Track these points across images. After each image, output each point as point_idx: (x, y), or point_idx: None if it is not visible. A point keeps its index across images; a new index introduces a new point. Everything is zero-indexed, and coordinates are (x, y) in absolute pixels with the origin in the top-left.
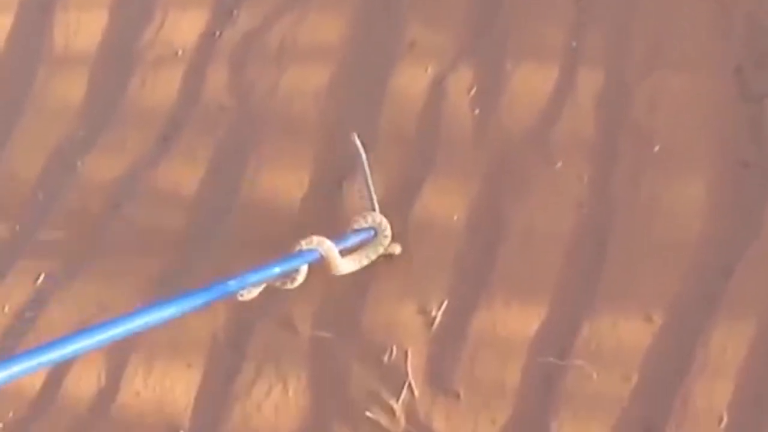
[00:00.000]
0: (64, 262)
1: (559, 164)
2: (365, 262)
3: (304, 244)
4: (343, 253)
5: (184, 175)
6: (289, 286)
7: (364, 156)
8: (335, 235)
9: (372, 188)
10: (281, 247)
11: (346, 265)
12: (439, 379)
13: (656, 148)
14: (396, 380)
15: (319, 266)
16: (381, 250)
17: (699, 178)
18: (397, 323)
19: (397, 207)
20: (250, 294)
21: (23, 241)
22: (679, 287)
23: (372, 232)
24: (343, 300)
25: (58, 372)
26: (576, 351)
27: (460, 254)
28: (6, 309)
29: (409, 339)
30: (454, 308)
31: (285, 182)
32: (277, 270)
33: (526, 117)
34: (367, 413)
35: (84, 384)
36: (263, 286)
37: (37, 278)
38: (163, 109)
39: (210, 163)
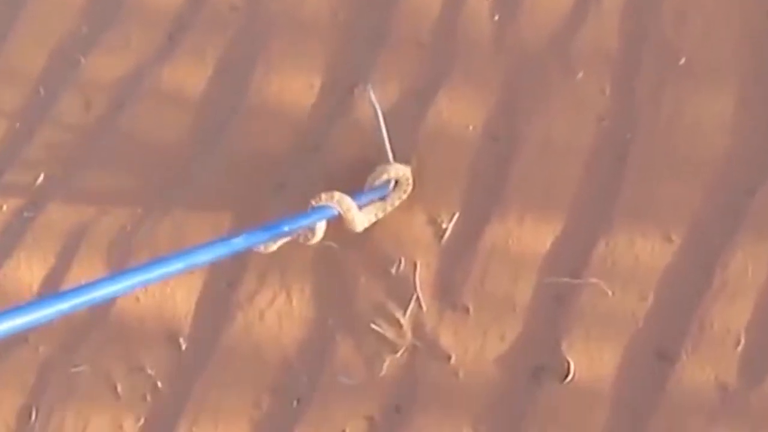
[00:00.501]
0: (64, 162)
1: (580, 75)
2: (381, 214)
3: (323, 198)
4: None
5: (190, 75)
6: (311, 241)
7: (378, 109)
8: (355, 190)
9: (388, 142)
10: (289, 155)
11: (362, 220)
12: (447, 293)
13: (682, 61)
14: (403, 293)
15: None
16: (398, 203)
17: (725, 94)
18: (407, 235)
19: (410, 114)
20: (269, 248)
21: (23, 140)
22: (701, 206)
23: (390, 185)
24: None
25: (56, 272)
26: (591, 269)
27: (474, 165)
28: (4, 208)
29: (418, 251)
30: (466, 221)
31: (295, 86)
32: (287, 228)
33: (548, 24)
34: (373, 326)
35: None
36: (283, 240)
37: (37, 178)
38: (170, 7)
39: (218, 64)
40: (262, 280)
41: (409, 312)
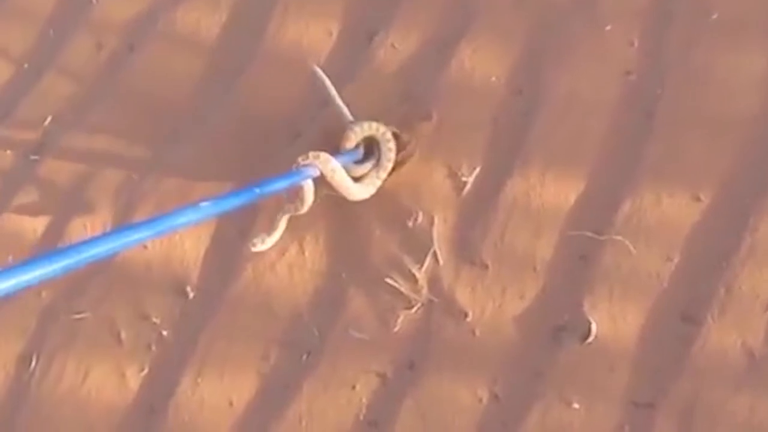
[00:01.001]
0: (72, 105)
1: (608, 27)
2: (378, 182)
3: (301, 161)
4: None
5: (204, 19)
6: (301, 210)
7: (325, 77)
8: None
9: (341, 102)
10: (306, 104)
11: (360, 191)
12: (466, 248)
13: (714, 16)
14: (420, 247)
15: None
16: (390, 164)
17: (758, 50)
18: (425, 187)
19: (431, 64)
20: (264, 245)
21: (31, 81)
22: (731, 165)
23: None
24: None
25: (61, 218)
26: (615, 227)
27: (496, 118)
28: (9, 151)
29: (436, 204)
30: (487, 174)
31: (312, 32)
32: (259, 190)
33: None
34: (387, 280)
35: (89, 233)
36: (277, 237)
37: (44, 121)
38: None
39: (233, 7)
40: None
41: (425, 267)
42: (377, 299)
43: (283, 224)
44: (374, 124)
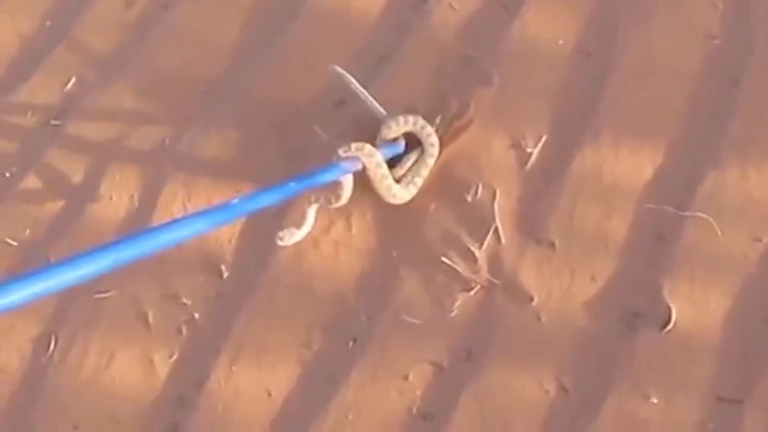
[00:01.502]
0: (99, 65)
1: None
2: (420, 182)
3: (342, 153)
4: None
5: None
6: (335, 204)
7: (349, 76)
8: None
9: (370, 98)
10: (353, 67)
11: (400, 191)
12: (531, 225)
13: None
14: (480, 223)
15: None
16: (433, 161)
17: None
18: (485, 158)
19: (492, 26)
20: (293, 238)
21: (54, 40)
22: None
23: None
24: None
25: (84, 189)
26: (697, 204)
27: (564, 84)
28: (29, 114)
29: (498, 177)
30: (554, 145)
31: None
32: (295, 185)
33: None
34: (443, 258)
35: (114, 206)
36: (307, 230)
37: (67, 83)
38: None
39: None
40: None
41: (485, 245)
42: (432, 281)
43: (312, 216)
44: (411, 118)
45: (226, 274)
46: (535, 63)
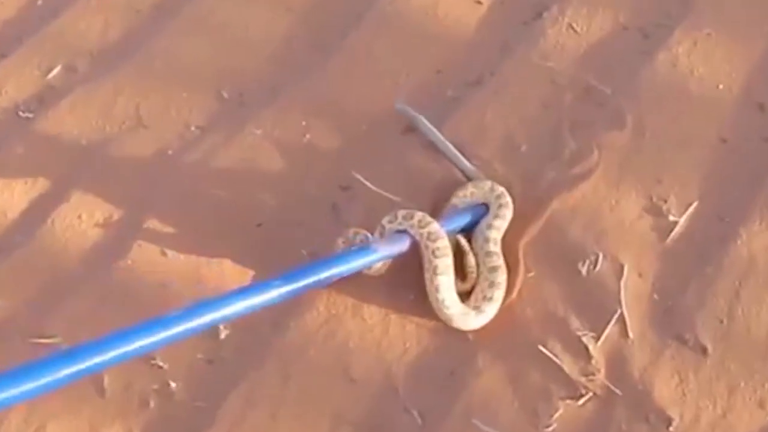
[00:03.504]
0: (92, 51)
1: None
2: (499, 296)
3: (386, 224)
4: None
5: None
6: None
7: (423, 119)
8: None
9: (453, 148)
10: (431, 85)
11: (463, 317)
12: (671, 319)
13: None
14: (598, 307)
15: None
16: (501, 277)
17: None
18: (610, 221)
19: (628, 57)
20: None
21: (42, 19)
22: None
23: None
24: None
25: (45, 202)
26: None
27: (725, 139)
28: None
29: (627, 248)
30: (709, 215)
31: None
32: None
33: None
34: (542, 349)
35: (81, 229)
36: (384, 262)
37: (51, 70)
38: None
39: None
40: None
41: (604, 337)
42: (522, 378)
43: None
44: (495, 186)
45: (224, 334)
46: (687, 107)
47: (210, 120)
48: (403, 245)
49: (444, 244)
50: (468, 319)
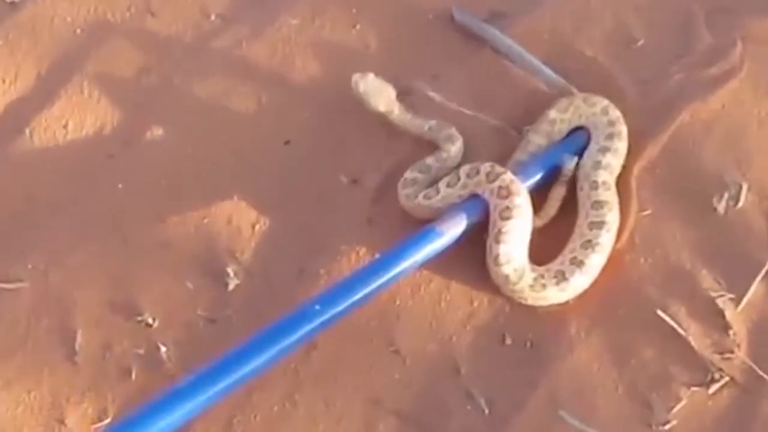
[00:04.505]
0: None
1: None
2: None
3: (443, 189)
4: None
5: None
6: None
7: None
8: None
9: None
10: None
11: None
12: None
13: None
14: (740, 256)
15: None
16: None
17: None
18: (759, 141)
19: None
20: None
21: None
22: None
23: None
24: None
25: (32, 101)
26: None
27: None
28: None
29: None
30: None
31: None
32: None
33: None
34: (660, 313)
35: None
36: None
37: None
38: None
39: None
40: None
41: (747, 300)
42: (631, 355)
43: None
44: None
45: (232, 284)
46: None
47: (234, 6)
48: (475, 214)
49: (518, 202)
50: (543, 293)
